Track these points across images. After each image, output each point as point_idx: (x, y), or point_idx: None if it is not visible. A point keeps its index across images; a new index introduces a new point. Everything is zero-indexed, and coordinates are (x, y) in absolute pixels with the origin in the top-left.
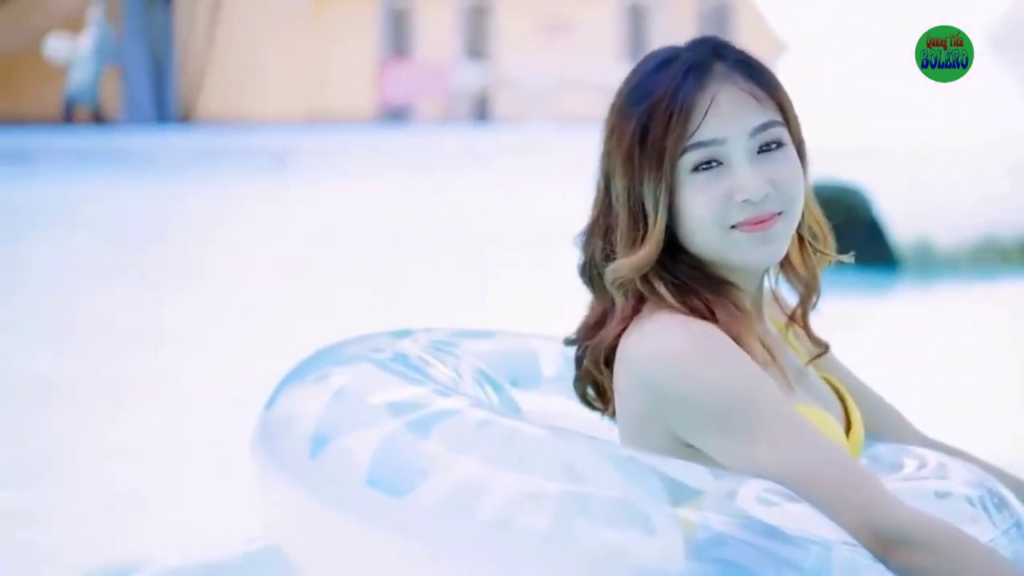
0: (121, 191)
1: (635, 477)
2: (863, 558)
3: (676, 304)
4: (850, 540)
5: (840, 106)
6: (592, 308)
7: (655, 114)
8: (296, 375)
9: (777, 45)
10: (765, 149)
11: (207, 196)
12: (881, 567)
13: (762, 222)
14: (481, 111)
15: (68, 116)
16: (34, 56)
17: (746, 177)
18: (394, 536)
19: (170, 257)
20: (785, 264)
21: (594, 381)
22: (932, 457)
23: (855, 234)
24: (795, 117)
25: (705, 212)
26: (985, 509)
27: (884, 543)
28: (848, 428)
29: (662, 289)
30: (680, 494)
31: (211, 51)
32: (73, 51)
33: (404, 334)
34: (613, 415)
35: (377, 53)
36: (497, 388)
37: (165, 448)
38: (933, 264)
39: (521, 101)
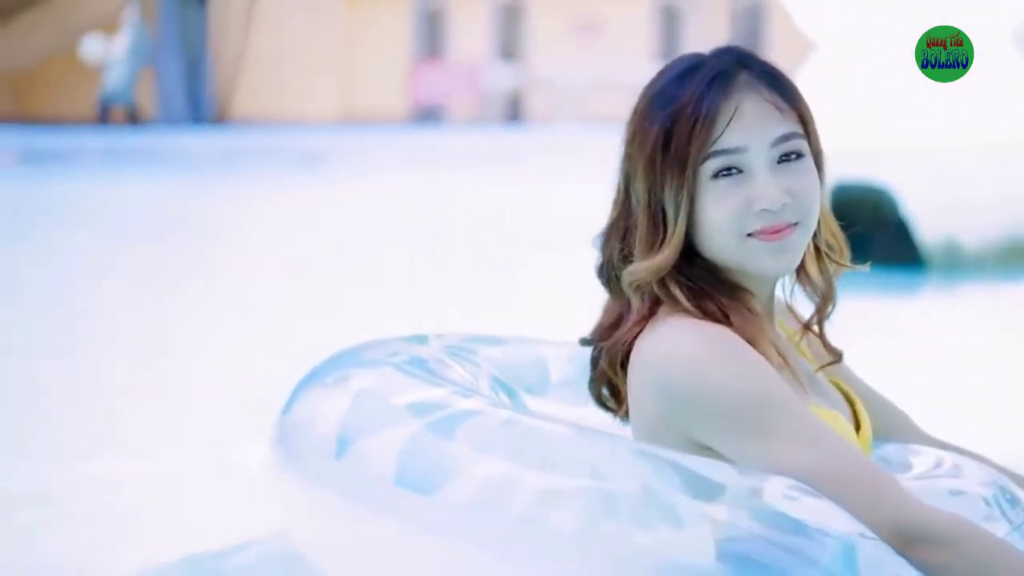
0: (154, 191)
1: (659, 473)
2: (887, 552)
3: (691, 307)
4: (872, 534)
5: (867, 106)
6: (608, 309)
7: (679, 120)
8: (313, 379)
9: (807, 45)
10: (785, 159)
11: (240, 195)
12: (903, 560)
13: (778, 231)
14: (513, 111)
15: (103, 117)
16: (70, 57)
17: (766, 186)
18: (422, 534)
19: (200, 256)
20: (801, 274)
21: (609, 382)
22: (946, 457)
23: (882, 234)
24: (815, 130)
25: (723, 219)
26: (999, 507)
27: (904, 540)
28: (857, 430)
29: (677, 292)
30: (704, 490)
31: (245, 52)
32: (108, 52)
33: (420, 339)
34: (626, 416)
35: (410, 54)
36: (511, 394)
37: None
38: (960, 264)
39: (553, 101)
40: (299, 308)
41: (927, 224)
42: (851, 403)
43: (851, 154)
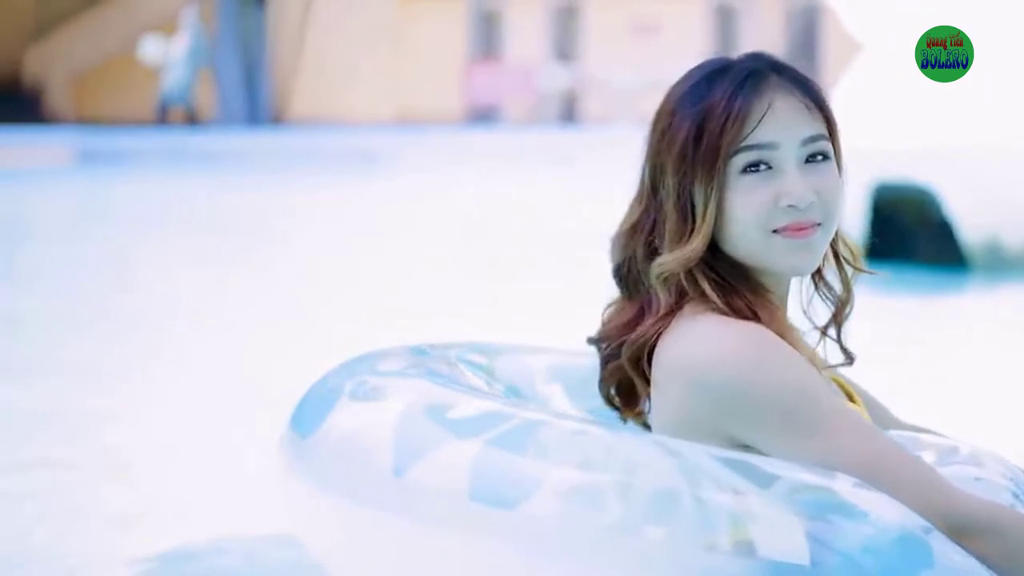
0: (210, 190)
1: (737, 471)
2: (948, 543)
3: (719, 302)
4: (917, 525)
5: (911, 106)
6: (622, 309)
7: (712, 115)
8: (327, 394)
9: (859, 46)
10: (812, 159)
11: (293, 195)
12: (962, 550)
13: (803, 229)
14: (568, 112)
15: (163, 118)
16: (128, 59)
17: (794, 183)
18: (505, 548)
19: (249, 252)
20: (819, 278)
21: (619, 381)
22: (960, 446)
23: (925, 234)
24: (839, 136)
25: (749, 214)
26: (1017, 495)
27: (954, 529)
28: None
29: (706, 286)
30: (766, 482)
31: (302, 54)
32: (168, 54)
33: (420, 351)
34: (634, 414)
35: (466, 55)
36: (528, 400)
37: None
38: (1002, 264)
39: (608, 102)
40: (345, 305)
41: (969, 224)
42: (852, 400)
43: (894, 154)
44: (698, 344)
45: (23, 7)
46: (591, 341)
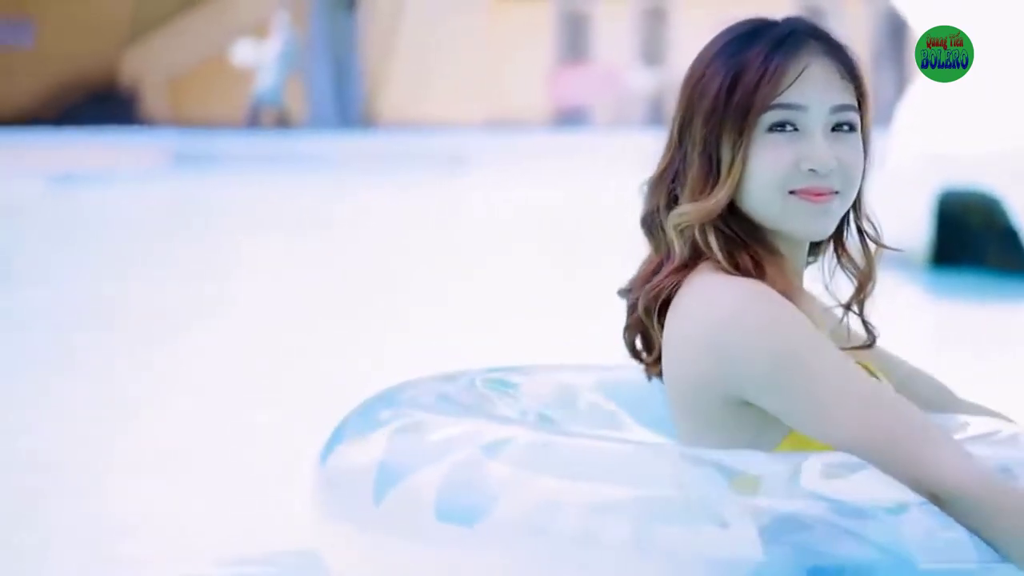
0: (299, 192)
1: (699, 474)
2: (934, 520)
3: (723, 259)
4: (918, 500)
5: (977, 112)
6: (648, 260)
7: (747, 70)
8: (343, 430)
9: None
10: (838, 128)
11: (384, 197)
12: (952, 527)
13: (820, 195)
14: (656, 114)
15: (254, 120)
16: (222, 62)
17: (819, 147)
18: (468, 566)
19: (328, 253)
20: (842, 254)
21: (641, 332)
22: (1003, 426)
23: (991, 241)
24: (869, 109)
25: (769, 172)
26: None
27: (939, 499)
28: None
29: (712, 240)
30: (741, 483)
31: (393, 57)
32: (260, 57)
33: (451, 377)
34: (655, 367)
35: (553, 57)
36: (550, 421)
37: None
38: None
39: None
40: (415, 306)
41: None
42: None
43: (960, 161)
44: (697, 302)
45: (120, 11)
46: (621, 291)
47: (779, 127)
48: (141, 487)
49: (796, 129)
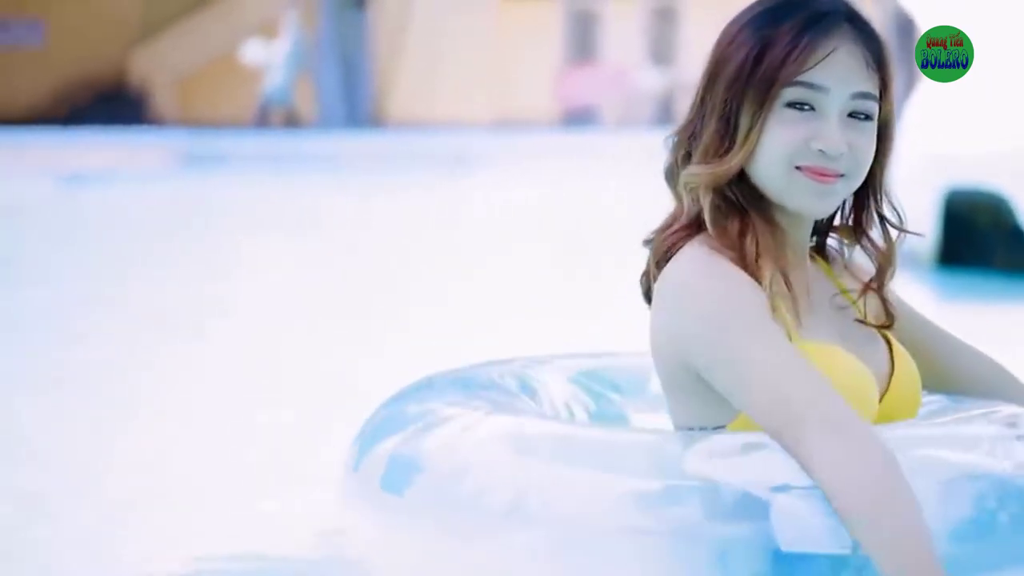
0: (306, 191)
1: (657, 451)
2: (805, 504)
3: (710, 224)
4: (798, 484)
5: (984, 111)
6: (669, 213)
7: (777, 42)
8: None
9: None
10: (855, 115)
11: (393, 196)
12: (824, 515)
13: (826, 175)
14: (664, 113)
15: (263, 120)
16: (231, 62)
17: (832, 130)
18: (397, 536)
19: (327, 252)
20: (864, 239)
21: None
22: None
23: (999, 241)
24: (891, 98)
25: (778, 145)
26: None
27: (813, 428)
28: (888, 387)
29: (707, 204)
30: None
31: (401, 56)
32: (269, 57)
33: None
34: None
35: (562, 57)
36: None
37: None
38: None
39: None
40: (416, 305)
41: None
42: (892, 359)
43: (968, 159)
44: (667, 272)
45: (129, 11)
46: (646, 242)
47: (797, 105)
48: (141, 487)
49: (813, 109)
